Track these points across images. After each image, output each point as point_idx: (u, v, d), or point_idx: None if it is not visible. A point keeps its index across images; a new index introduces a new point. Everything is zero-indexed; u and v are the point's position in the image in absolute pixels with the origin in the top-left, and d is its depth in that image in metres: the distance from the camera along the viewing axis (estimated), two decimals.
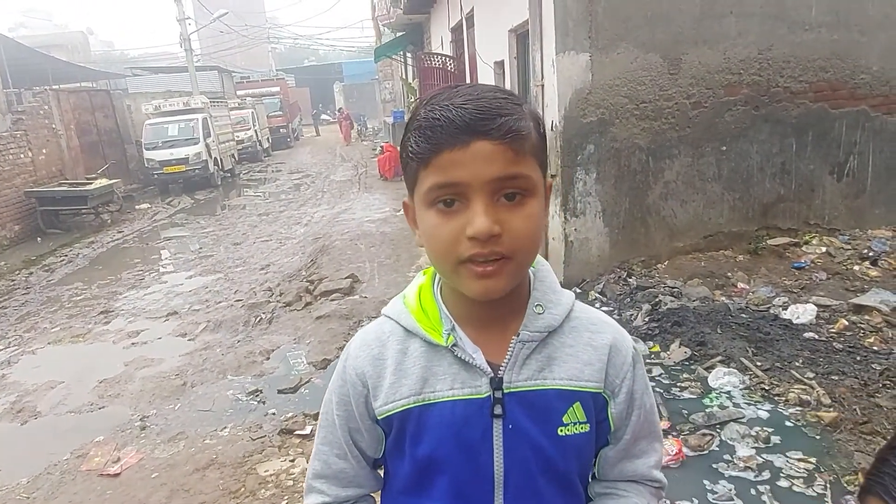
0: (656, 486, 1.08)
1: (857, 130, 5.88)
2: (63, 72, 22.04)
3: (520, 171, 0.84)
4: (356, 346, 1.03)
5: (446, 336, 0.95)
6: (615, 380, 1.00)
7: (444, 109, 0.83)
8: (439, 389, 0.95)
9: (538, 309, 0.97)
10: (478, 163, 0.82)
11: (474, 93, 0.85)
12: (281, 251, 9.47)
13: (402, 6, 14.15)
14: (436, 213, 0.86)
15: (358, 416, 1.01)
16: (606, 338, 1.00)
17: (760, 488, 2.89)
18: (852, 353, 3.93)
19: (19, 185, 12.70)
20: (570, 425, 0.96)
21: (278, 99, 31.92)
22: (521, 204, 0.86)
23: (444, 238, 0.85)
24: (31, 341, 6.61)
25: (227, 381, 5.05)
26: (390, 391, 0.97)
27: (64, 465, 4.05)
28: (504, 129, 0.82)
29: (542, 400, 0.95)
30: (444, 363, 0.96)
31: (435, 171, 0.84)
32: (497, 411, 0.94)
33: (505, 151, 0.83)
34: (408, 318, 0.99)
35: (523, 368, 0.95)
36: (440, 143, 0.83)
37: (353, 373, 1.00)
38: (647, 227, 5.73)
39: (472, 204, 0.83)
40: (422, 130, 0.85)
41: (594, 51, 5.28)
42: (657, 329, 4.54)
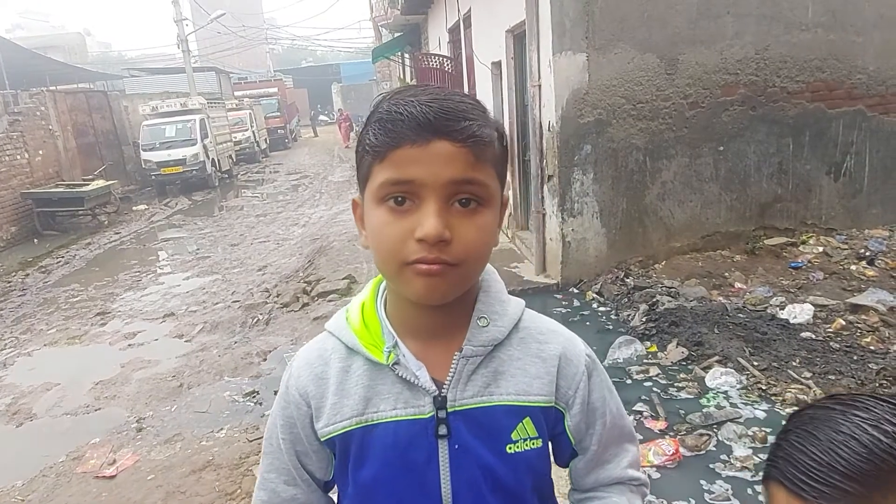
0: (636, 485, 1.04)
1: (853, 130, 5.89)
2: (60, 73, 22.00)
3: (478, 176, 0.81)
4: (298, 364, 0.98)
5: (387, 354, 0.91)
6: (567, 391, 0.95)
7: (408, 105, 0.80)
8: (382, 409, 0.91)
9: (482, 321, 0.92)
10: (436, 162, 0.79)
11: (441, 94, 0.82)
12: (278, 252, 9.46)
13: (400, 7, 14.14)
14: (386, 210, 0.82)
15: (304, 437, 0.96)
16: (555, 348, 0.96)
17: (757, 488, 2.89)
18: (849, 352, 3.93)
19: (16, 186, 12.67)
20: (519, 442, 0.92)
21: (276, 100, 31.88)
22: (476, 212, 0.82)
23: (392, 237, 0.81)
24: (26, 343, 6.59)
25: (224, 382, 5.04)
26: (332, 412, 0.93)
27: (59, 467, 4.03)
28: (467, 132, 0.79)
29: (488, 417, 0.91)
30: (387, 382, 0.92)
31: (390, 165, 0.80)
32: (442, 431, 0.90)
33: (466, 154, 0.80)
34: (349, 334, 0.94)
35: (468, 385, 0.91)
36: (399, 138, 0.79)
37: (295, 393, 0.96)
38: (645, 227, 5.73)
39: (424, 204, 0.80)
40: (382, 123, 0.81)
41: (591, 51, 5.28)
42: (654, 329, 4.54)
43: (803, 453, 0.67)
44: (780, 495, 0.69)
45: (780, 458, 0.70)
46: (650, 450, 3.18)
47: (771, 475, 0.71)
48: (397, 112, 0.80)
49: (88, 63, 36.46)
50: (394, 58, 19.88)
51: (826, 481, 0.64)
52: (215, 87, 30.07)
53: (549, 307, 5.47)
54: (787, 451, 0.69)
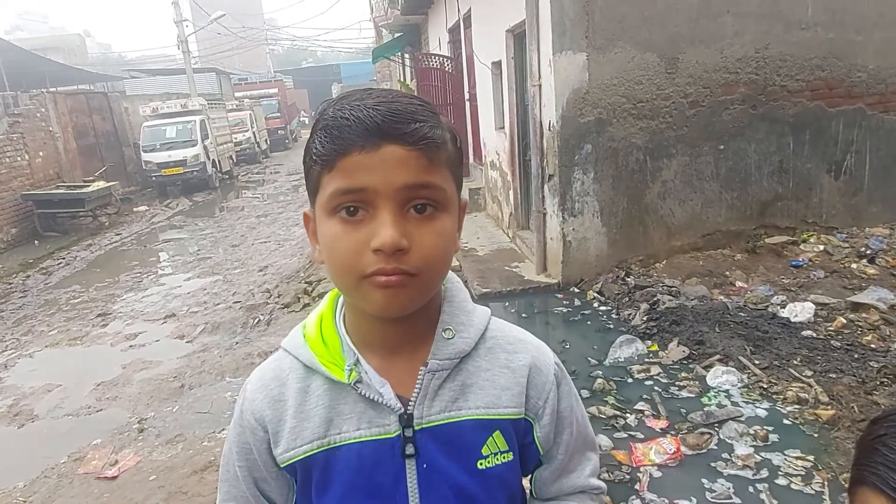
0: (597, 493, 1.02)
1: (853, 129, 5.88)
2: (60, 74, 22.00)
3: (433, 180, 0.78)
4: (253, 387, 0.93)
5: (348, 372, 0.86)
6: (537, 402, 0.92)
7: (355, 109, 0.76)
8: (345, 431, 0.86)
9: (447, 333, 0.88)
10: (387, 168, 0.75)
11: (388, 96, 0.79)
12: (279, 252, 9.47)
13: (400, 7, 14.15)
14: (338, 221, 0.78)
15: (262, 465, 0.91)
16: (525, 358, 0.92)
17: (759, 486, 2.89)
18: (850, 350, 3.93)
19: (16, 188, 12.68)
20: (490, 456, 0.89)
21: (276, 100, 31.92)
22: (433, 218, 0.78)
23: (347, 250, 0.77)
24: (28, 344, 6.60)
25: (226, 383, 5.05)
26: (291, 436, 0.88)
27: (61, 468, 4.04)
28: (418, 134, 0.76)
29: (457, 433, 0.87)
30: (349, 401, 0.87)
31: (340, 174, 0.76)
32: (409, 451, 0.86)
33: (418, 158, 0.76)
34: (306, 352, 0.89)
35: (435, 401, 0.87)
36: (347, 145, 0.75)
37: (251, 418, 0.91)
38: (645, 226, 5.73)
39: (378, 213, 0.76)
40: (328, 130, 0.77)
41: (591, 50, 5.28)
42: (655, 328, 4.55)
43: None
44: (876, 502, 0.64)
45: (878, 464, 0.65)
46: (651, 448, 3.19)
47: (866, 481, 0.66)
48: (343, 118, 0.76)
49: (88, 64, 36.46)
50: (394, 58, 19.88)
51: None
52: (216, 87, 30.11)
53: (549, 307, 5.48)
54: (886, 455, 0.65)
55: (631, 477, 3.05)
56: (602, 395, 3.81)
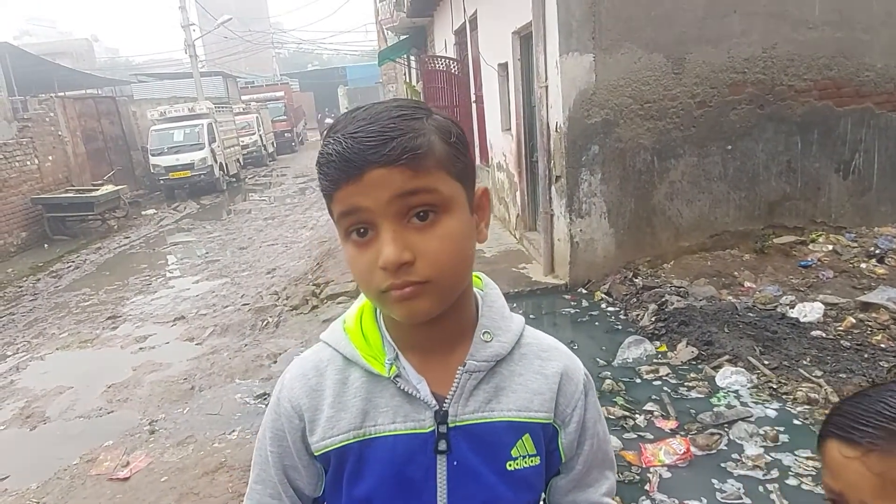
0: None
1: (862, 128, 5.86)
2: (68, 79, 22.18)
3: (422, 184, 0.78)
4: (291, 375, 0.96)
5: (388, 366, 0.89)
6: (566, 409, 0.95)
7: (336, 143, 0.78)
8: (380, 423, 0.89)
9: (486, 336, 0.91)
10: (373, 189, 0.77)
11: (368, 116, 0.79)
12: (287, 255, 9.50)
13: (406, 9, 14.18)
14: (352, 244, 0.81)
15: (294, 452, 0.93)
16: (557, 365, 0.95)
17: (769, 487, 2.89)
18: (860, 351, 3.92)
19: (26, 192, 12.77)
20: (519, 459, 0.91)
21: (282, 104, 32.02)
22: (435, 223, 0.79)
23: (361, 270, 0.81)
24: (39, 347, 6.65)
25: (235, 384, 5.07)
26: (328, 425, 0.90)
27: (73, 469, 4.07)
28: (396, 151, 0.76)
29: (489, 433, 0.90)
30: (385, 395, 0.90)
31: (338, 203, 0.80)
32: (441, 447, 0.88)
33: (402, 171, 0.77)
34: (347, 345, 0.92)
35: (470, 400, 0.90)
36: (336, 180, 0.78)
37: (287, 405, 0.93)
38: (653, 227, 5.73)
39: (380, 232, 0.78)
40: (321, 167, 0.81)
41: (598, 51, 5.28)
42: (664, 329, 4.54)
43: (853, 406, 0.73)
44: (832, 447, 0.73)
45: (832, 416, 0.76)
46: (661, 449, 3.19)
47: (824, 434, 0.75)
48: (328, 153, 0.79)
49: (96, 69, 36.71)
50: (400, 60, 19.92)
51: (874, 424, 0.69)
52: (222, 91, 30.23)
53: (557, 308, 5.48)
54: (838, 409, 0.75)
55: (640, 477, 3.05)
56: (611, 395, 3.82)
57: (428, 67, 11.27)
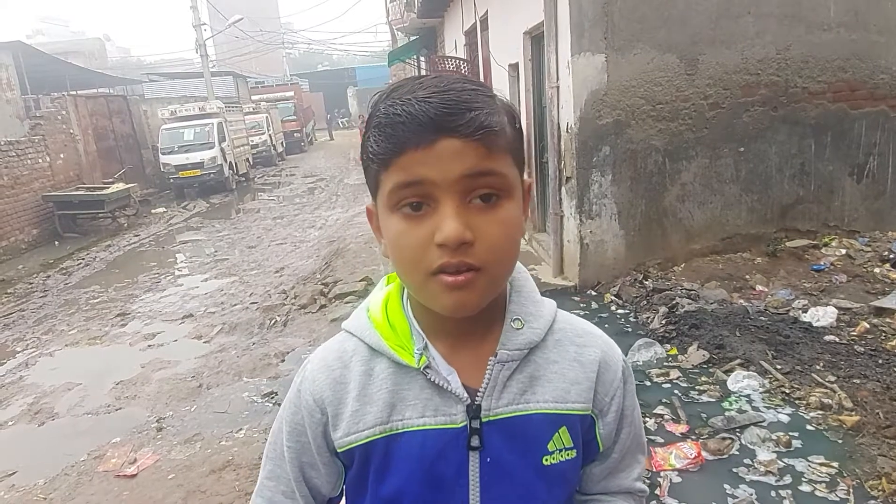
0: (640, 496, 1.01)
1: (876, 131, 5.80)
2: (80, 78, 22.35)
3: (494, 167, 0.75)
4: (314, 367, 0.90)
5: (418, 356, 0.84)
6: (604, 398, 0.90)
7: (406, 104, 0.73)
8: (408, 417, 0.84)
9: (516, 324, 0.86)
10: (444, 161, 0.72)
11: (440, 84, 0.75)
12: (295, 254, 9.51)
13: (416, 10, 14.19)
14: (401, 217, 0.76)
15: (314, 448, 0.88)
16: (595, 352, 0.90)
17: (782, 493, 2.84)
18: (874, 356, 3.86)
19: (37, 189, 12.86)
20: (555, 453, 0.86)
21: (292, 104, 32.10)
22: (497, 206, 0.76)
23: (411, 246, 0.75)
24: (48, 343, 6.68)
25: (243, 383, 5.07)
26: (352, 420, 0.85)
27: (81, 466, 4.08)
28: (474, 124, 0.72)
29: (524, 427, 0.85)
30: (414, 387, 0.85)
31: (397, 171, 0.74)
32: (474, 443, 0.84)
33: (476, 148, 0.73)
34: (373, 334, 0.87)
35: (504, 392, 0.85)
36: (402, 143, 0.73)
37: (309, 398, 0.88)
38: (664, 228, 5.68)
39: (440, 206, 0.74)
40: (381, 128, 0.75)
41: (610, 52, 5.25)
42: (675, 332, 4.50)
43: None
44: None
45: None
46: (672, 453, 3.15)
47: None
48: (395, 114, 0.74)
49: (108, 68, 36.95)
50: (410, 61, 19.93)
51: None
52: (233, 91, 30.40)
53: (566, 310, 5.36)
54: None
55: (651, 482, 3.01)
56: None
57: (438, 68, 11.26)
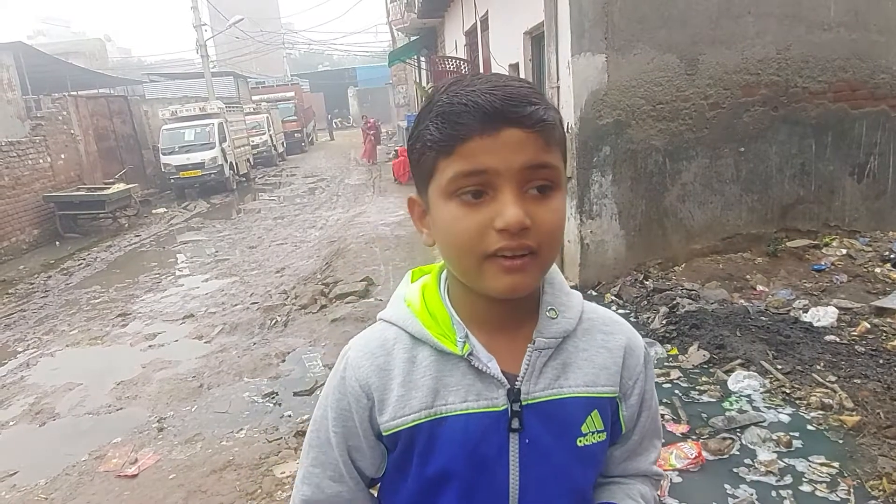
0: (657, 479, 1.07)
1: (877, 131, 5.80)
2: (81, 78, 22.36)
3: (549, 160, 0.81)
4: (357, 354, 0.94)
5: (461, 344, 0.88)
6: (628, 382, 0.96)
7: (471, 95, 0.78)
8: (452, 402, 0.89)
9: (551, 313, 0.92)
10: (507, 150, 0.78)
11: (499, 81, 0.81)
12: (296, 254, 9.51)
13: (417, 10, 14.20)
14: (458, 204, 0.80)
15: (361, 432, 0.92)
16: (621, 339, 0.97)
17: (783, 493, 2.84)
18: (875, 356, 3.86)
19: (38, 189, 12.87)
20: (588, 435, 0.92)
21: (293, 104, 32.11)
22: (550, 197, 0.82)
23: (469, 231, 0.80)
24: (49, 344, 6.68)
25: (244, 383, 5.07)
26: (398, 405, 0.90)
27: (82, 466, 4.08)
28: (535, 117, 0.78)
29: (560, 410, 0.91)
30: (456, 373, 0.89)
31: (459, 159, 0.79)
32: (514, 425, 0.89)
33: (536, 140, 0.79)
34: (415, 323, 0.91)
35: (540, 378, 0.90)
36: (467, 130, 0.78)
37: (355, 384, 0.91)
38: (664, 229, 5.68)
39: (500, 194, 0.79)
40: (445, 116, 0.80)
41: (610, 52, 5.25)
42: (675, 332, 4.50)
43: None
44: None
45: None
46: (672, 453, 3.14)
47: None
48: (461, 103, 0.79)
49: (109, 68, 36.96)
50: (410, 61, 19.94)
51: None
52: (233, 91, 30.41)
53: None
54: None
55: None
56: None
57: (438, 68, 11.27)
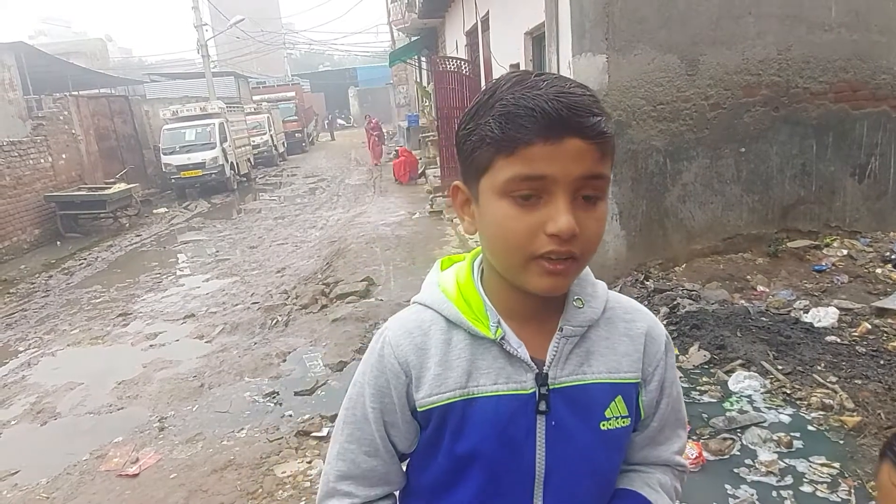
0: (680, 470, 1.10)
1: (878, 131, 5.80)
2: (82, 78, 22.36)
3: (603, 171, 0.84)
4: (395, 333, 0.98)
5: (494, 329, 0.92)
6: (648, 368, 0.99)
7: (537, 99, 0.80)
8: (483, 384, 0.93)
9: (578, 303, 0.96)
10: (567, 159, 0.80)
11: (564, 86, 0.82)
12: (297, 254, 9.52)
13: (417, 10, 14.21)
14: (511, 203, 0.83)
15: (398, 407, 0.96)
16: (642, 326, 1.00)
17: (783, 493, 2.85)
18: (875, 356, 3.86)
19: (39, 189, 12.88)
20: (612, 419, 0.95)
21: (293, 104, 32.11)
22: (596, 206, 0.85)
23: (520, 231, 0.83)
24: (50, 343, 6.69)
25: (244, 382, 5.07)
26: (435, 383, 0.94)
27: (83, 465, 4.08)
28: (597, 129, 0.81)
29: (584, 395, 0.95)
30: (488, 357, 0.94)
31: (521, 161, 0.81)
32: (542, 408, 0.93)
33: (593, 151, 0.82)
34: (451, 308, 0.95)
35: (566, 364, 0.94)
36: (532, 134, 0.80)
37: (394, 361, 0.96)
38: (665, 229, 5.68)
39: (554, 200, 0.82)
40: (510, 117, 0.81)
41: (611, 52, 5.25)
42: (675, 332, 4.50)
43: None
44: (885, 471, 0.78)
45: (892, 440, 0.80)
46: None
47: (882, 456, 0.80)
48: (527, 107, 0.80)
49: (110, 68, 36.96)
50: (410, 61, 19.94)
51: None
52: (234, 91, 30.42)
53: None
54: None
55: None
56: None
57: (439, 68, 11.27)
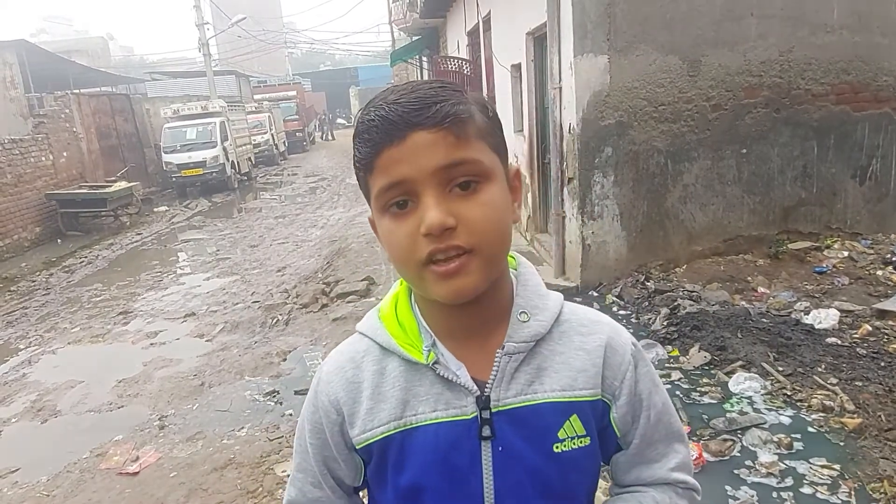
0: (683, 488, 0.98)
1: (879, 133, 5.80)
2: (83, 76, 22.36)
3: (466, 155, 0.79)
4: (329, 369, 0.95)
5: (427, 353, 0.87)
6: (613, 382, 0.91)
7: (378, 109, 0.79)
8: (421, 412, 0.88)
9: (523, 317, 0.89)
10: (418, 155, 0.77)
11: (409, 88, 0.81)
12: (297, 253, 9.52)
13: (419, 10, 14.20)
14: (390, 217, 0.81)
15: (333, 445, 0.93)
16: (600, 338, 0.92)
17: (783, 495, 2.85)
18: (876, 358, 3.86)
19: (40, 187, 12.88)
20: (566, 440, 0.88)
21: (294, 103, 32.11)
22: (476, 192, 0.80)
23: (402, 242, 0.80)
24: (51, 341, 6.69)
25: (245, 381, 5.08)
26: (367, 418, 0.89)
27: (83, 463, 4.09)
28: (440, 115, 0.77)
29: (534, 416, 0.88)
30: (425, 383, 0.88)
31: (379, 173, 0.80)
32: (485, 433, 0.87)
33: (445, 137, 0.77)
34: (383, 334, 0.91)
35: (511, 383, 0.88)
36: (377, 144, 0.79)
37: (325, 399, 0.92)
38: (666, 230, 5.68)
39: (421, 199, 0.78)
40: (360, 136, 0.81)
41: (612, 53, 5.25)
42: (676, 333, 4.50)
43: None
44: None
45: None
46: None
47: None
48: (369, 120, 0.80)
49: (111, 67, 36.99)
50: (412, 61, 19.93)
51: None
52: (235, 90, 30.39)
53: None
54: None
55: None
56: None
57: (440, 68, 11.26)
